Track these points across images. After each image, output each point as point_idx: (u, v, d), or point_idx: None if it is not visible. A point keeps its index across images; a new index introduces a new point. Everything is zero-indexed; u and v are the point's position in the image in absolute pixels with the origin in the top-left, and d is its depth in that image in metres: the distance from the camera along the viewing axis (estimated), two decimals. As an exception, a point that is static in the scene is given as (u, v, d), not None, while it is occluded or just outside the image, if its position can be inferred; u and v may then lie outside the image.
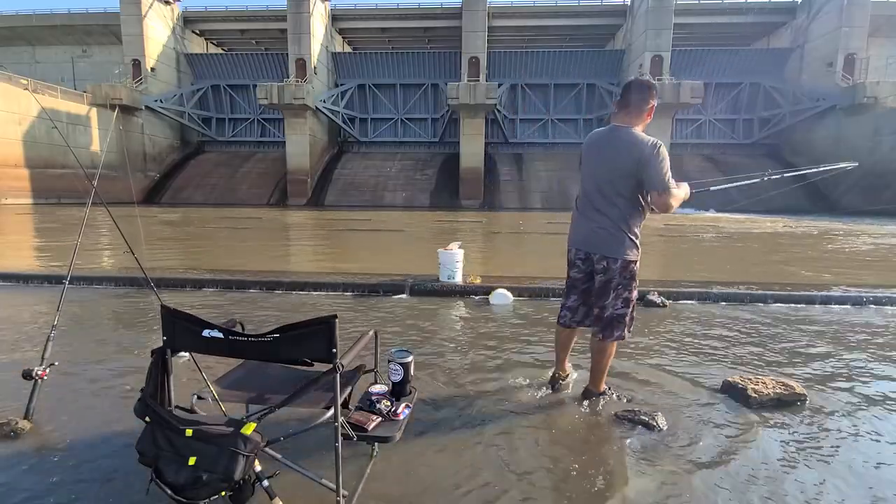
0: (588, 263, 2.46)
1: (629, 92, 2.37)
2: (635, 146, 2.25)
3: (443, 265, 5.35)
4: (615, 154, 2.31)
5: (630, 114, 2.35)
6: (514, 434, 2.24)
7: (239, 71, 36.98)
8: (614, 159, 2.31)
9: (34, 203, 25.07)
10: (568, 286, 2.59)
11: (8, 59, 36.15)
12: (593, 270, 2.43)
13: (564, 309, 2.61)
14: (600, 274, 2.40)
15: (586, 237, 2.44)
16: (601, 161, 2.37)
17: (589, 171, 2.43)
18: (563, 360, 2.74)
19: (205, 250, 10.06)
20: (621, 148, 2.29)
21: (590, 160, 2.43)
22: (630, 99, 2.35)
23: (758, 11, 34.43)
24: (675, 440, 2.20)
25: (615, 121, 2.41)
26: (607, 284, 2.38)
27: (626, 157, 2.27)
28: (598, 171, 2.37)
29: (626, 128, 2.33)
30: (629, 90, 2.37)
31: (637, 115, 2.35)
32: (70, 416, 2.36)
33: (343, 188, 33.19)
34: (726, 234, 14.45)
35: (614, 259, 2.35)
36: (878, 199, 25.19)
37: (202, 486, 1.38)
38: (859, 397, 2.69)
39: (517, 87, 35.75)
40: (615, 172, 2.31)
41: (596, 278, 2.42)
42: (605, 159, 2.35)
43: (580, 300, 2.56)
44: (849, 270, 7.75)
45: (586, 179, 2.45)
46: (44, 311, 4.33)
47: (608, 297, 2.39)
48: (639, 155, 2.23)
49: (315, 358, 1.50)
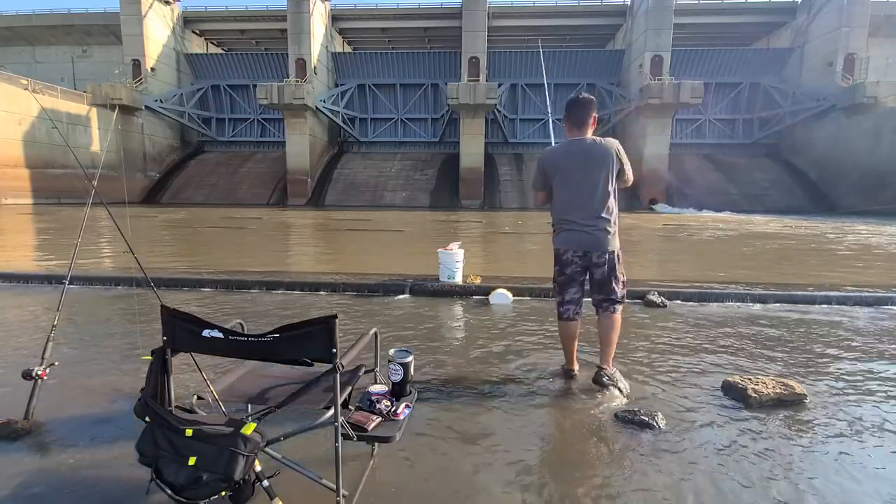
0: (585, 259, 2.75)
1: (580, 109, 2.75)
2: (607, 148, 2.67)
3: (443, 265, 5.35)
4: (597, 161, 2.67)
5: (583, 127, 2.76)
6: (515, 434, 2.24)
7: (239, 71, 36.99)
8: (599, 165, 2.66)
9: (34, 203, 25.07)
10: (565, 281, 2.81)
11: (8, 59, 36.16)
12: (590, 265, 2.74)
13: (566, 304, 2.82)
14: (602, 267, 2.72)
15: (584, 240, 2.71)
16: (585, 171, 2.69)
17: (576, 182, 2.72)
18: (573, 353, 2.90)
19: (205, 250, 10.06)
20: (597, 154, 2.67)
21: (571, 173, 2.73)
22: (581, 116, 2.76)
23: (758, 11, 34.45)
24: (674, 440, 2.20)
25: (572, 136, 2.78)
26: (609, 274, 2.72)
27: (607, 159, 2.66)
28: (585, 181, 2.69)
29: (585, 138, 2.73)
30: (576, 107, 2.76)
31: (589, 127, 2.77)
32: (70, 417, 2.36)
33: (343, 188, 33.20)
34: (726, 234, 14.45)
35: (612, 252, 2.72)
36: (877, 199, 25.19)
37: (202, 486, 1.38)
38: (860, 397, 2.69)
39: (517, 87, 35.76)
40: (602, 174, 2.66)
41: (597, 271, 2.74)
42: (588, 169, 2.68)
43: (580, 291, 2.83)
44: (849, 270, 7.75)
45: (569, 192, 2.74)
46: (44, 311, 4.33)
47: (612, 283, 2.73)
48: (615, 152, 2.67)
49: (315, 358, 1.50)
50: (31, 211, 20.69)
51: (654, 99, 28.18)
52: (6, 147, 24.14)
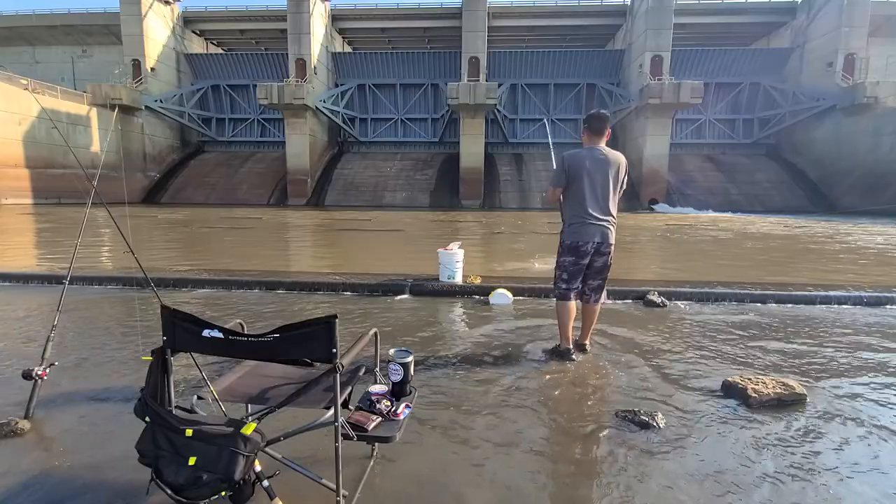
0: (595, 249, 3.23)
1: (599, 122, 3.24)
2: (619, 159, 3.22)
3: (443, 265, 5.35)
4: (614, 168, 3.19)
5: (601, 137, 3.25)
6: (514, 434, 2.24)
7: (239, 71, 36.96)
8: (615, 171, 3.19)
9: (34, 203, 25.05)
10: (575, 271, 3.28)
11: (8, 59, 36.14)
12: (596, 254, 3.24)
13: (572, 289, 3.31)
14: (604, 256, 3.27)
15: (598, 232, 3.20)
16: (604, 175, 3.17)
17: (599, 183, 3.17)
18: (570, 332, 3.29)
19: (205, 250, 10.05)
20: (613, 161, 3.19)
21: (593, 175, 3.17)
22: (599, 127, 3.24)
23: (758, 11, 34.42)
24: (674, 440, 2.20)
25: (591, 143, 3.24)
26: (607, 262, 3.30)
27: (619, 167, 3.21)
28: (605, 182, 3.17)
29: (602, 147, 3.22)
30: (597, 121, 3.24)
31: (605, 137, 3.26)
32: (70, 416, 2.36)
33: (343, 188, 33.17)
34: (726, 234, 14.45)
35: (613, 245, 3.28)
36: (877, 198, 25.19)
37: (202, 486, 1.38)
38: (860, 397, 2.69)
39: (517, 87, 35.75)
40: (616, 179, 3.21)
41: (599, 260, 3.28)
42: (607, 173, 3.17)
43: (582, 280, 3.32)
44: (849, 270, 7.74)
45: (594, 191, 3.17)
46: (44, 311, 4.33)
47: (607, 270, 3.34)
48: (625, 164, 3.26)
49: (315, 358, 1.50)
50: (31, 211, 20.68)
51: (654, 99, 28.16)
52: (6, 147, 24.13)
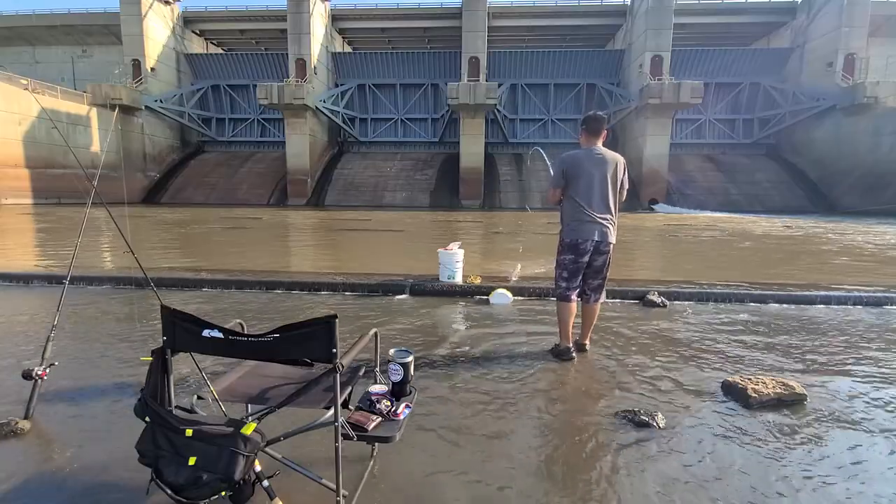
0: (594, 247, 3.22)
1: (596, 123, 3.25)
2: (617, 158, 3.22)
3: (443, 265, 5.35)
4: (612, 167, 3.18)
5: (599, 137, 3.26)
6: (515, 434, 2.24)
7: (239, 71, 36.96)
8: (613, 171, 3.19)
9: (34, 203, 25.06)
10: (575, 270, 3.27)
11: (8, 59, 36.15)
12: (596, 253, 3.23)
13: (573, 288, 3.30)
14: (604, 255, 3.26)
15: (599, 231, 3.19)
16: (602, 174, 3.17)
17: (597, 182, 3.17)
18: (570, 330, 3.28)
19: (205, 250, 10.05)
20: (610, 161, 3.19)
21: (592, 174, 3.17)
22: (596, 128, 3.25)
23: (758, 11, 34.42)
24: (674, 440, 2.20)
25: (588, 144, 3.25)
26: (606, 261, 3.29)
27: (617, 167, 3.21)
28: (603, 181, 3.17)
29: (599, 147, 3.22)
30: (594, 122, 3.25)
31: (603, 138, 3.28)
32: (70, 416, 2.36)
33: (343, 188, 33.18)
34: (726, 234, 14.45)
35: (613, 244, 3.26)
36: (878, 198, 25.19)
37: (202, 486, 1.38)
38: (860, 397, 2.69)
39: (517, 87, 35.74)
40: (614, 179, 3.20)
41: (599, 259, 3.27)
42: (605, 172, 3.17)
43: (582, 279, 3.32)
44: (849, 270, 7.74)
45: (592, 189, 3.17)
46: (44, 311, 4.33)
47: (607, 269, 3.33)
48: (624, 163, 3.26)
49: (315, 358, 1.49)
50: (32, 211, 20.68)
51: (654, 99, 28.16)
52: (6, 147, 24.13)
